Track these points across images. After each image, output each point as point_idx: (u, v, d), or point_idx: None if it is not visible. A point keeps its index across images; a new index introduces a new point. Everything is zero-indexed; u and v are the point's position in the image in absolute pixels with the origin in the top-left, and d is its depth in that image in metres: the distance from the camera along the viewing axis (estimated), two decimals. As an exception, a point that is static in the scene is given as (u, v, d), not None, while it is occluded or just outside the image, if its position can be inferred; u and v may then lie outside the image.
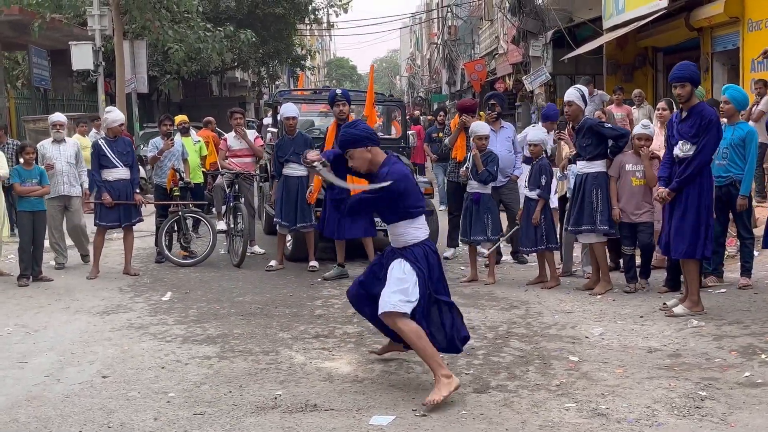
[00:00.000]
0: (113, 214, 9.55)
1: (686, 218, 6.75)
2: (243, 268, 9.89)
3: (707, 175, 6.89)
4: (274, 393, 5.27)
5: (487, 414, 4.76)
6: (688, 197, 6.76)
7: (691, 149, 6.70)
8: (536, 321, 6.96)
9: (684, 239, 6.75)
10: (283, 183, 9.65)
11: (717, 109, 7.81)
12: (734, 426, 4.50)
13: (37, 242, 9.39)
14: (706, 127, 6.64)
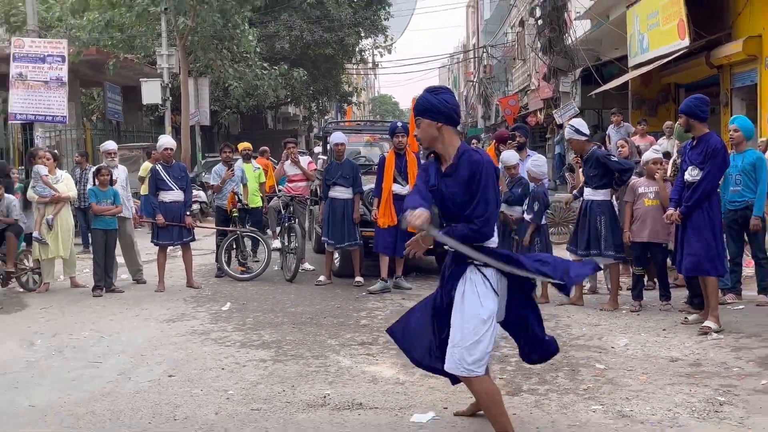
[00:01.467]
0: (168, 234, 9.71)
1: (697, 239, 6.67)
2: (295, 283, 9.98)
3: (715, 198, 6.86)
4: (324, 392, 5.32)
5: (519, 414, 4.77)
6: (698, 219, 6.70)
7: (699, 174, 6.67)
8: (565, 332, 6.92)
9: (696, 258, 6.67)
10: (330, 204, 9.74)
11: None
12: (751, 429, 4.44)
13: (109, 257, 9.60)
14: (711, 155, 6.61)
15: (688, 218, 6.74)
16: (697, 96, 7.24)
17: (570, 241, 8.40)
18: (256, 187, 11.52)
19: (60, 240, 9.61)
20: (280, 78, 23.37)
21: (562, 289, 4.42)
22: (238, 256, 10.68)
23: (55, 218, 9.56)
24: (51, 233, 9.52)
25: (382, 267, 9.33)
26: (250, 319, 7.85)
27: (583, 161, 8.24)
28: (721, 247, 6.77)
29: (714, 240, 6.69)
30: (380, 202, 9.30)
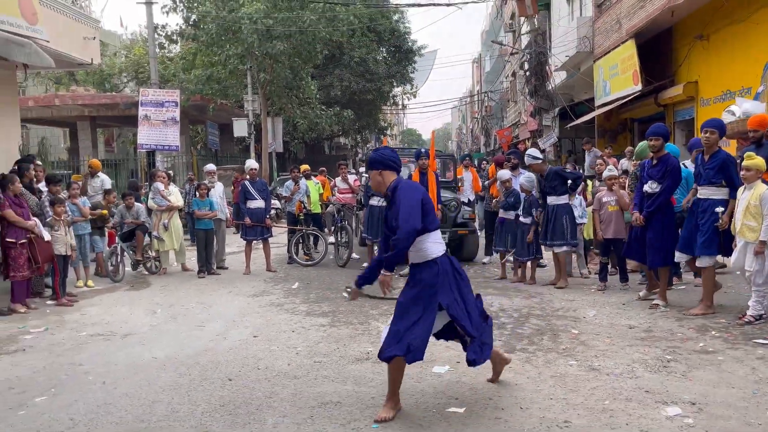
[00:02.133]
0: (253, 232, 9.76)
1: (658, 237, 6.46)
2: (346, 268, 9.99)
3: (670, 205, 6.66)
4: (367, 350, 5.30)
5: (514, 367, 4.68)
6: (658, 222, 6.49)
7: (658, 187, 6.48)
8: (548, 306, 6.82)
9: (658, 253, 6.46)
10: (369, 210, 9.75)
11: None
12: (692, 380, 4.33)
13: (208, 249, 9.69)
14: (671, 172, 6.42)
15: (650, 221, 6.50)
16: (659, 123, 7.12)
17: (541, 236, 8.22)
18: (317, 198, 11.56)
19: (173, 236, 9.73)
20: (334, 117, 23.46)
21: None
22: (303, 248, 10.72)
23: (169, 221, 9.70)
24: (166, 232, 9.65)
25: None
26: (312, 294, 7.87)
27: (544, 178, 8.19)
28: (672, 242, 6.52)
29: (670, 237, 6.49)
30: (408, 208, 9.26)
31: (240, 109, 22.60)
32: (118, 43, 33.00)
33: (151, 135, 16.87)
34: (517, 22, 26.26)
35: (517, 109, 30.49)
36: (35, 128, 28.69)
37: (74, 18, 12.05)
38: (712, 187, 6.07)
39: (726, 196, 6.00)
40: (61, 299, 7.48)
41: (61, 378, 4.80)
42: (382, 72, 27.30)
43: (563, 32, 18.87)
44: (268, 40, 18.03)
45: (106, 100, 21.83)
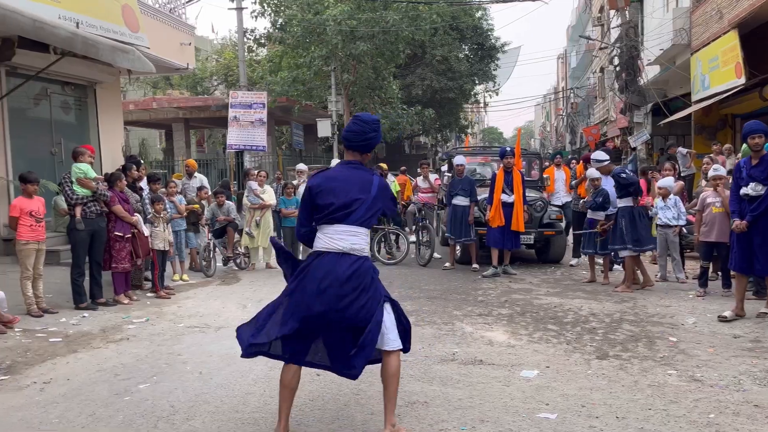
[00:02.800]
0: None
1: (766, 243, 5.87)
2: (426, 267, 9.97)
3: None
4: (452, 351, 5.26)
5: (608, 374, 4.52)
6: (766, 225, 5.87)
7: (763, 189, 5.87)
8: (642, 311, 6.52)
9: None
10: (452, 209, 9.68)
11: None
12: (808, 396, 4.02)
13: (294, 246, 9.91)
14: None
15: (756, 225, 5.89)
16: (758, 120, 6.56)
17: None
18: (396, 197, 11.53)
19: (263, 234, 10.04)
20: (416, 116, 23.46)
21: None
22: (385, 247, 10.78)
23: (261, 219, 10.01)
24: (257, 229, 9.98)
25: (493, 257, 9.16)
26: (395, 293, 7.83)
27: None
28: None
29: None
30: (492, 208, 9.14)
31: (324, 110, 23.05)
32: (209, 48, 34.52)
33: (239, 136, 17.50)
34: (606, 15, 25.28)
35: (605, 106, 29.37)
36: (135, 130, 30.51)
37: (172, 25, 12.72)
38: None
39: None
40: (159, 292, 7.91)
41: (161, 366, 5.06)
42: (464, 70, 27.04)
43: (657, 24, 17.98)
44: (351, 41, 18.29)
45: (198, 103, 22.88)
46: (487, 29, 29.13)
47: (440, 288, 8.18)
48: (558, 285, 8.25)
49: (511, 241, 9.07)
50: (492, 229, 9.09)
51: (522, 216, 9.03)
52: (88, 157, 7.49)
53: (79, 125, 11.36)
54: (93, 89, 11.46)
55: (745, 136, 6.15)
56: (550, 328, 5.95)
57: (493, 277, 8.90)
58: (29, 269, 6.73)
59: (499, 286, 8.31)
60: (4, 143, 9.56)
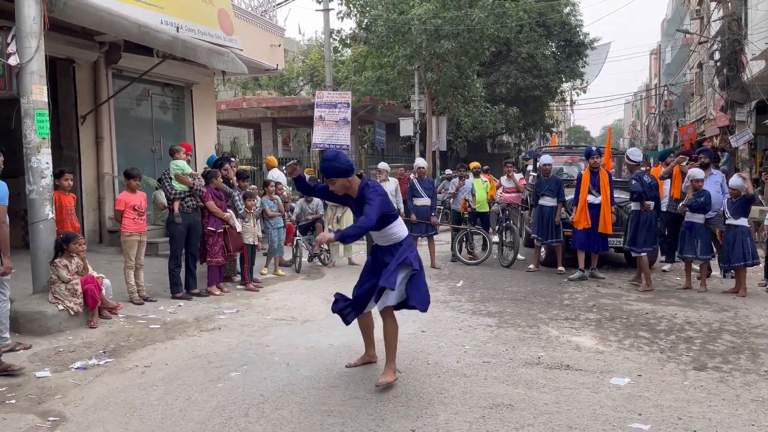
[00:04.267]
0: (419, 228, 9.80)
1: None
2: (510, 269, 9.80)
3: None
4: (538, 354, 5.15)
5: (706, 386, 4.29)
6: None
7: None
8: (744, 322, 6.12)
9: None
10: (539, 210, 9.45)
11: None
12: None
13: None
14: None
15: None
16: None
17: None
18: (484, 197, 11.37)
19: (345, 230, 10.20)
20: (499, 115, 23.12)
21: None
22: (466, 247, 10.69)
23: (342, 216, 10.18)
24: (338, 226, 10.14)
25: (580, 260, 8.87)
26: (477, 294, 7.82)
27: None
28: None
29: None
30: (577, 209, 8.86)
31: (406, 109, 23.13)
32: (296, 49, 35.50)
33: (324, 135, 17.88)
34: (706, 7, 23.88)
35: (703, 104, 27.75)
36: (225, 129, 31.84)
37: (263, 27, 13.17)
38: None
39: None
40: (248, 284, 8.22)
41: (251, 356, 5.26)
42: (551, 67, 26.37)
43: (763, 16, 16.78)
44: (436, 39, 18.24)
45: (286, 103, 23.59)
46: (576, 25, 28.24)
47: (524, 290, 8.02)
48: (651, 291, 7.89)
49: (598, 243, 8.76)
50: (578, 231, 8.81)
51: (609, 218, 8.69)
52: (184, 155, 7.89)
53: (176, 124, 12.00)
54: (189, 90, 12.08)
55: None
56: (641, 335, 5.70)
57: (580, 281, 8.62)
58: (132, 259, 7.18)
59: (586, 290, 8.05)
60: (110, 141, 10.25)
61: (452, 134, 26.29)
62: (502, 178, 12.19)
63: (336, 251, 10.46)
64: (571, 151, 13.24)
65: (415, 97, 20.94)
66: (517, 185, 11.80)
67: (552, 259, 9.58)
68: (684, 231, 7.98)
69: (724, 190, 8.82)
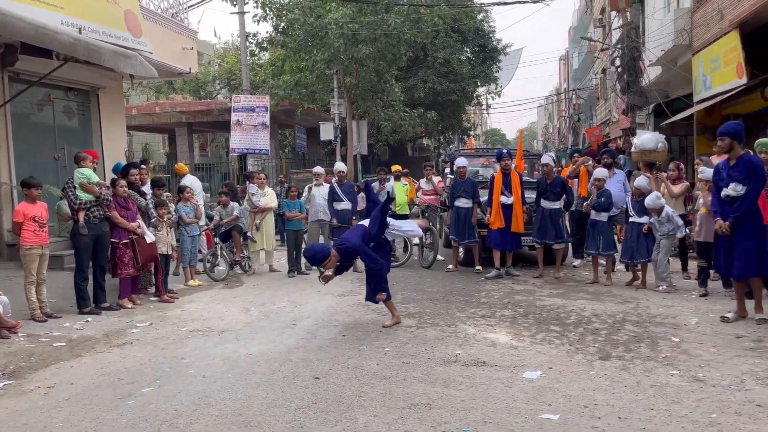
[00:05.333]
0: (339, 233, 9.65)
1: (748, 245, 5.79)
2: (430, 270, 9.96)
3: (758, 208, 5.91)
4: (455, 352, 5.27)
5: (610, 375, 4.53)
6: (748, 227, 5.80)
7: (743, 189, 5.79)
8: (645, 312, 6.51)
9: (750, 261, 5.78)
10: (455, 211, 9.67)
11: None
12: (811, 396, 4.00)
13: (298, 250, 9.94)
14: (754, 172, 5.77)
15: (738, 227, 5.84)
16: (736, 122, 6.53)
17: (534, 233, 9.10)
18: (404, 200, 11.49)
19: (264, 237, 10.05)
20: (418, 118, 23.46)
21: None
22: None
23: (261, 222, 10.02)
24: (258, 233, 9.99)
25: (495, 259, 9.16)
26: (399, 296, 7.87)
27: (549, 183, 9.00)
28: (766, 250, 5.86)
29: (762, 245, 5.81)
30: (491, 210, 9.15)
31: (326, 113, 23.07)
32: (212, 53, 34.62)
33: (242, 139, 17.57)
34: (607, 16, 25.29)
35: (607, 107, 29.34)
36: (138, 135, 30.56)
37: (174, 30, 12.76)
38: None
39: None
40: (163, 296, 7.92)
41: (165, 370, 5.08)
42: (466, 72, 27.05)
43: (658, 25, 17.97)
44: (353, 44, 18.31)
45: (201, 107, 22.95)
46: (489, 31, 29.14)
47: (443, 290, 8.18)
48: (561, 286, 8.25)
49: (512, 242, 9.08)
50: (493, 231, 9.09)
51: (521, 217, 9.04)
52: (90, 162, 7.53)
53: (82, 130, 11.41)
54: (96, 94, 11.52)
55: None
56: (552, 329, 5.95)
57: (496, 279, 8.89)
58: (33, 274, 6.76)
59: (502, 287, 8.31)
60: (7, 149, 9.61)
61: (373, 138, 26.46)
62: (421, 181, 12.37)
63: (257, 258, 10.28)
64: (487, 154, 13.65)
65: (335, 101, 20.92)
66: (436, 188, 12.02)
67: (470, 258, 9.83)
68: (588, 228, 8.42)
69: (627, 189, 9.36)
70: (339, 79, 20.57)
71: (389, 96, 21.19)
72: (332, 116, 21.53)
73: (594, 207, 8.33)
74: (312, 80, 20.34)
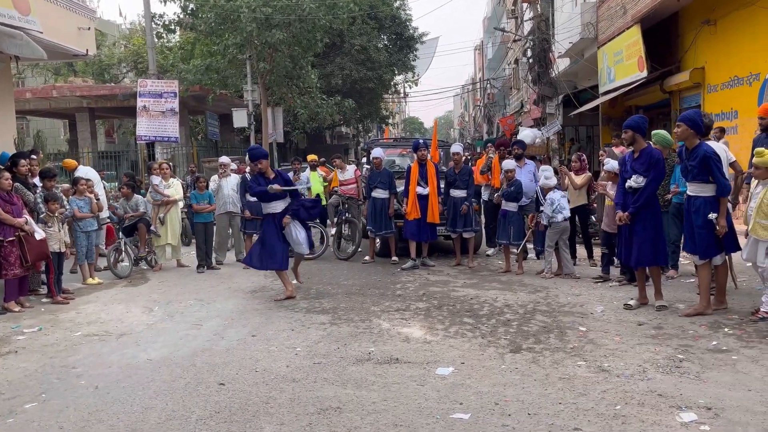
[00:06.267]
0: (252, 225, 9.34)
1: (646, 235, 5.95)
2: (347, 262, 9.80)
3: (656, 199, 6.16)
4: (368, 350, 5.13)
5: (521, 368, 4.53)
6: (646, 218, 5.99)
7: (644, 181, 5.96)
8: (554, 301, 6.63)
9: (649, 250, 5.95)
10: (372, 202, 9.56)
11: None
12: (706, 382, 4.14)
13: (208, 244, 9.52)
14: (654, 164, 5.94)
15: (637, 217, 6.01)
16: (639, 115, 6.76)
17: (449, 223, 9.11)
18: (321, 190, 11.21)
19: (169, 231, 9.55)
20: (335, 106, 23.14)
21: None
22: (303, 241, 10.50)
23: (165, 216, 9.50)
24: (162, 227, 9.47)
25: (411, 249, 9.12)
26: (313, 290, 7.69)
27: (458, 172, 9.04)
28: (663, 240, 6.09)
29: (659, 235, 6.01)
30: (408, 201, 9.09)
31: (240, 99, 22.30)
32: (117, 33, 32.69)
33: (150, 126, 16.67)
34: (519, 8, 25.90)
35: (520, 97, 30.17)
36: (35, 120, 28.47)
37: (68, 8, 11.81)
38: (700, 183, 5.63)
39: (713, 192, 5.56)
40: (56, 297, 7.32)
41: (52, 382, 4.64)
42: (384, 60, 26.96)
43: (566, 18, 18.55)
44: (267, 28, 17.72)
45: (104, 92, 21.62)
46: (406, 19, 29.15)
47: (359, 283, 8.04)
48: (475, 276, 8.31)
49: (427, 233, 9.06)
50: (409, 221, 9.04)
51: (437, 208, 9.04)
52: (-31, 152, 6.80)
53: (-37, 116, 10.39)
54: (-22, 76, 10.50)
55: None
56: (466, 321, 5.94)
57: (412, 270, 8.85)
58: None
59: (418, 278, 8.27)
60: None
61: (289, 126, 25.90)
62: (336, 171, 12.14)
63: (163, 254, 9.74)
64: (403, 144, 13.57)
65: (248, 87, 20.22)
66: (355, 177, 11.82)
67: (387, 250, 9.74)
68: (499, 218, 8.53)
69: (536, 179, 9.55)
70: (252, 64, 19.90)
71: (305, 83, 20.74)
72: (246, 102, 20.83)
73: (504, 197, 8.44)
74: (224, 65, 19.57)
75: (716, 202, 5.55)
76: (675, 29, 13.56)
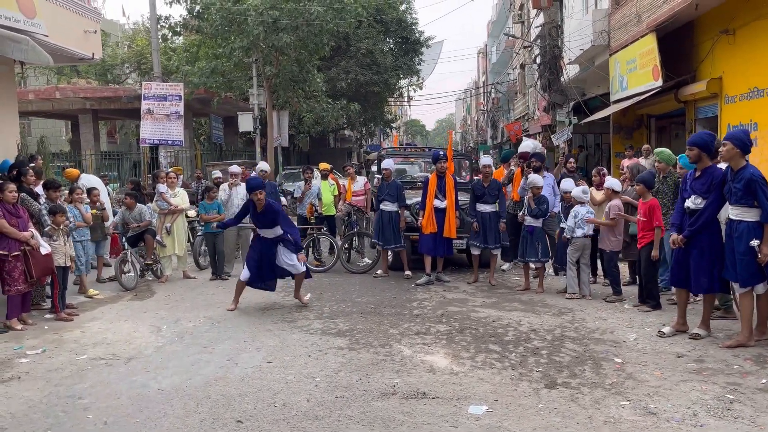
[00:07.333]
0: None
1: (704, 259, 5.59)
2: (358, 275, 9.48)
3: (716, 223, 5.68)
4: (393, 381, 4.79)
5: (560, 408, 4.19)
6: (704, 241, 5.58)
7: (703, 203, 5.58)
8: (582, 326, 6.29)
9: (704, 277, 5.59)
10: (380, 214, 9.24)
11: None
12: (763, 428, 3.82)
13: (217, 253, 9.22)
14: (717, 186, 5.52)
15: (693, 241, 5.64)
16: (707, 132, 6.27)
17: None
18: (331, 200, 10.90)
19: (176, 241, 9.25)
20: (340, 110, 22.89)
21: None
22: (314, 253, 10.21)
23: (172, 225, 9.19)
24: (168, 237, 9.17)
25: (426, 264, 8.80)
26: (326, 308, 7.36)
27: (487, 186, 8.71)
28: (720, 267, 5.59)
29: (716, 261, 5.57)
30: (425, 214, 8.77)
31: (245, 103, 22.01)
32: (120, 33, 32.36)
33: (154, 130, 16.35)
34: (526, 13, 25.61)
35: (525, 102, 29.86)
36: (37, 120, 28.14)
37: (74, 11, 11.49)
38: (744, 207, 5.27)
39: (757, 218, 5.18)
40: (60, 313, 6.99)
41: (58, 415, 4.32)
42: (389, 63, 26.72)
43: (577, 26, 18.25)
44: (274, 32, 17.43)
45: (108, 93, 21.29)
46: (411, 23, 28.88)
47: (373, 300, 7.71)
48: (493, 294, 8.00)
49: (443, 247, 8.75)
50: (424, 235, 8.72)
51: (454, 222, 8.72)
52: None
53: (-35, 119, 10.06)
54: (-19, 79, 10.18)
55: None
56: (492, 348, 5.62)
57: (427, 285, 8.54)
58: None
59: (434, 296, 7.96)
60: None
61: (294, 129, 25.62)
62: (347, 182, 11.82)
63: (169, 264, 9.42)
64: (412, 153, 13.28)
65: (254, 91, 19.94)
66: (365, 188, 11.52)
67: (398, 262, 9.43)
68: (525, 235, 8.17)
69: (556, 192, 9.23)
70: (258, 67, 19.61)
71: (311, 86, 20.46)
72: (251, 106, 20.52)
73: (534, 215, 8.08)
74: (229, 68, 19.29)
75: (760, 228, 5.22)
76: (690, 38, 13.25)
